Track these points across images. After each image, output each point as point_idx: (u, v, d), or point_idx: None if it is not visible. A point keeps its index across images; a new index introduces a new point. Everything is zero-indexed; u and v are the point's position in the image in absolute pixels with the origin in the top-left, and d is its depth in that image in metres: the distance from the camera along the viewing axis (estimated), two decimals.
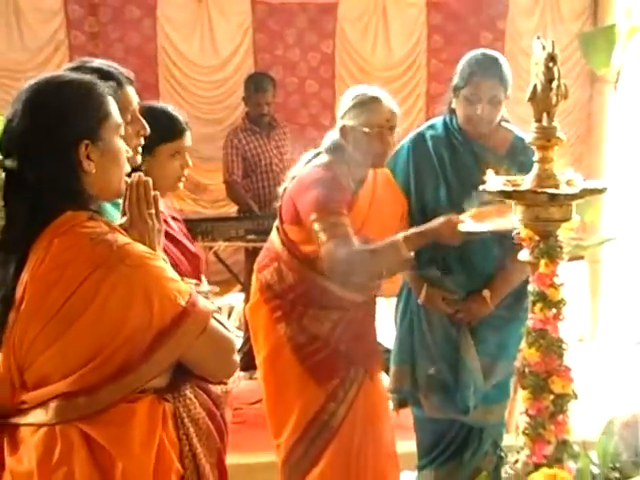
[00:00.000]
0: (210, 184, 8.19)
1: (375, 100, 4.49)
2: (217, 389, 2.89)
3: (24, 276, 2.54)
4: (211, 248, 7.50)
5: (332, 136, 4.64)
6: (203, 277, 3.14)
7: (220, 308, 2.84)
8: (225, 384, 2.93)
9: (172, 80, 8.31)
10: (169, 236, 2.94)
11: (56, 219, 2.54)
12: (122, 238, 2.56)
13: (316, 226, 4.35)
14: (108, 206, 2.83)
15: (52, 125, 2.56)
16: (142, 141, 3.29)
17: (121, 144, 2.71)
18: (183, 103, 8.22)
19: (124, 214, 2.75)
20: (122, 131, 2.73)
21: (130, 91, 3.25)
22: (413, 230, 4.28)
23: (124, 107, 3.04)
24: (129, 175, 2.78)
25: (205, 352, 2.65)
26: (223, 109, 8.37)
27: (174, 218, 3.18)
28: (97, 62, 3.22)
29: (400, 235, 4.22)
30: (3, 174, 2.57)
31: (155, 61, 8.22)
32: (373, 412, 4.72)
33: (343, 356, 4.62)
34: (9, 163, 2.56)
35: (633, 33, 8.35)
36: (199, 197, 8.35)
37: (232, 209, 7.93)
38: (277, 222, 4.78)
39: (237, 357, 2.80)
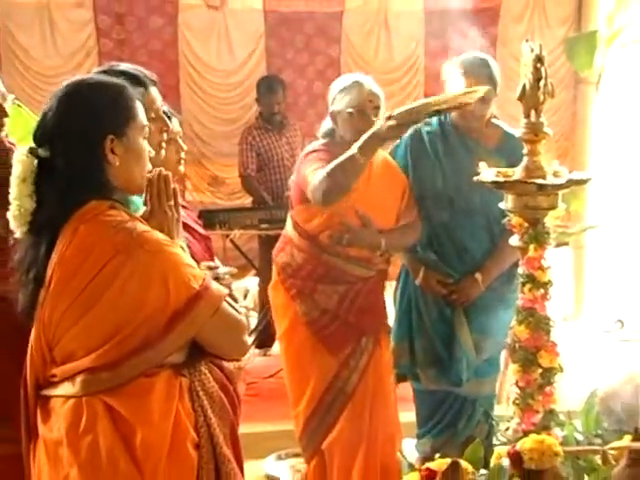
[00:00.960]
0: (227, 178, 8.20)
1: (356, 84, 4.57)
2: (230, 365, 2.88)
3: (53, 258, 2.55)
4: (228, 236, 7.52)
5: (325, 124, 4.74)
6: (217, 260, 3.10)
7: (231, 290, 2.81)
8: (238, 361, 2.93)
9: (191, 83, 8.31)
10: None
11: (82, 207, 2.55)
12: (141, 226, 2.58)
13: (309, 177, 4.47)
14: (135, 197, 2.80)
15: (82, 120, 2.59)
16: (165, 137, 3.27)
17: (145, 144, 2.72)
18: (202, 104, 8.27)
19: (145, 204, 2.75)
20: (146, 132, 2.74)
21: (154, 91, 3.23)
22: (362, 138, 4.22)
23: (148, 106, 3.03)
24: None
25: (217, 332, 2.66)
26: (238, 109, 8.36)
27: (183, 206, 3.16)
28: (123, 66, 3.22)
29: (355, 146, 4.20)
30: (36, 162, 2.58)
31: (176, 65, 8.22)
32: (382, 379, 4.75)
33: (353, 327, 4.67)
34: (42, 152, 2.59)
35: (613, 39, 8.40)
36: (217, 190, 8.36)
37: (247, 200, 7.94)
38: (290, 211, 4.84)
39: (247, 337, 2.81)
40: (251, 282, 7.94)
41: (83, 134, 2.58)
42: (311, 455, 4.86)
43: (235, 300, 2.76)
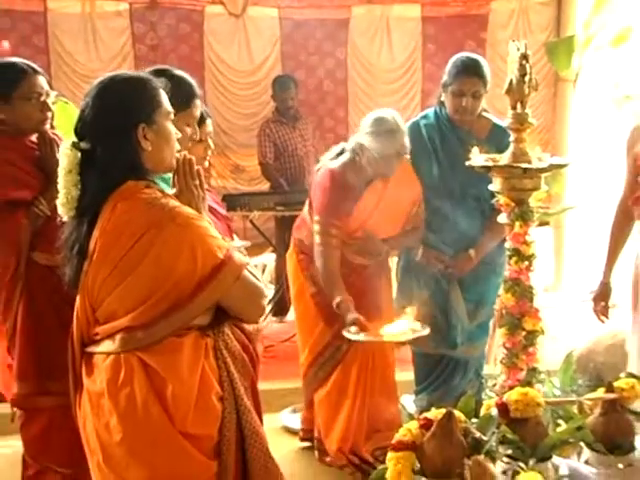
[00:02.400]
0: (247, 166, 8.21)
1: (392, 133, 4.44)
2: (250, 327, 2.92)
3: (95, 232, 2.60)
4: (248, 217, 7.54)
5: (353, 144, 4.59)
6: (236, 237, 3.12)
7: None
8: (257, 324, 2.97)
9: (215, 82, 8.30)
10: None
11: (120, 187, 2.60)
12: (172, 202, 2.63)
13: (315, 227, 4.58)
14: (159, 181, 2.82)
15: (115, 113, 2.65)
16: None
17: (171, 127, 2.76)
18: (224, 100, 8.27)
19: (174, 185, 2.79)
20: (172, 117, 2.78)
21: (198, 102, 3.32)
22: (344, 306, 4.42)
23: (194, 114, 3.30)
24: None
25: (239, 297, 2.69)
26: (257, 105, 8.35)
27: (208, 190, 3.18)
28: (175, 71, 3.32)
29: (338, 298, 4.43)
30: (79, 154, 2.62)
31: (202, 67, 8.23)
32: (372, 349, 4.76)
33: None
34: (83, 145, 2.63)
35: (588, 42, 8.38)
36: (238, 176, 8.38)
37: (265, 185, 7.95)
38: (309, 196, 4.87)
39: (265, 302, 2.84)
40: (268, 258, 7.94)
41: (118, 126, 2.63)
42: (308, 401, 5.08)
43: None
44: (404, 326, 4.23)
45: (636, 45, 7.93)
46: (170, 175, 2.84)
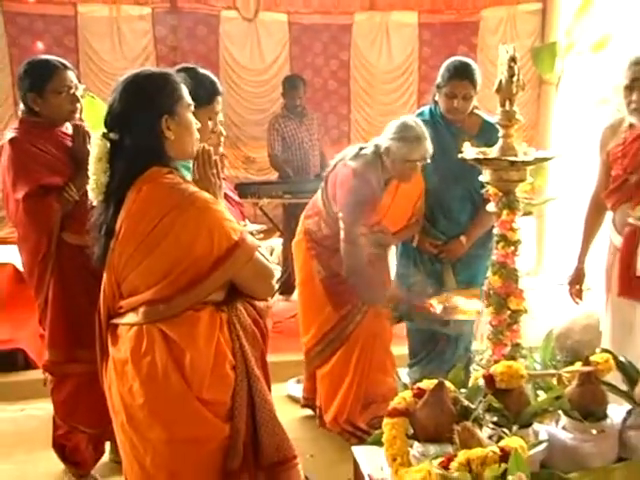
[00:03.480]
0: (257, 157, 8.20)
1: (417, 141, 4.42)
2: (261, 304, 2.92)
3: (122, 213, 2.62)
4: (258, 204, 7.51)
5: (377, 144, 4.57)
6: (247, 221, 3.12)
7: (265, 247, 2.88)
8: (266, 301, 2.97)
9: (229, 80, 8.26)
10: None
11: (145, 172, 2.61)
12: (192, 187, 2.65)
13: (341, 223, 4.53)
14: (181, 168, 2.83)
15: (141, 106, 2.66)
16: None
17: (192, 118, 2.77)
18: (237, 97, 8.25)
19: (193, 173, 2.80)
20: (192, 108, 2.79)
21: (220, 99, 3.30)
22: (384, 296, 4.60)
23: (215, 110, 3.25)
24: None
25: (250, 276, 2.70)
26: (267, 101, 8.32)
27: (223, 179, 3.19)
28: (200, 69, 3.29)
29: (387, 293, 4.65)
30: (108, 144, 2.64)
31: (217, 66, 8.17)
32: (374, 331, 4.81)
33: (355, 292, 4.70)
34: (112, 136, 2.65)
35: (570, 48, 8.39)
36: (249, 167, 8.36)
37: (273, 175, 7.93)
38: (323, 185, 4.86)
39: (275, 282, 2.83)
40: (276, 242, 7.95)
41: (143, 117, 2.64)
42: (309, 373, 5.13)
43: None
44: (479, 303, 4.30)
45: (613, 52, 7.91)
46: (191, 163, 2.84)
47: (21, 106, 4.17)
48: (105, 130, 2.66)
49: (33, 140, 4.05)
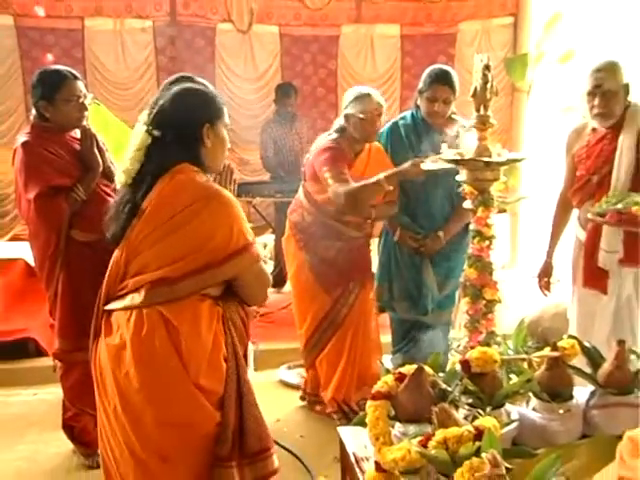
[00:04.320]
0: (251, 159, 8.21)
1: (367, 95, 4.58)
2: (250, 308, 2.90)
3: (151, 195, 2.65)
4: (251, 202, 7.56)
5: (338, 121, 4.74)
6: None
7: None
8: (259, 306, 3.10)
9: (225, 88, 8.25)
10: None
11: (178, 165, 2.66)
12: (217, 185, 2.71)
13: (326, 175, 4.50)
14: None
15: (190, 111, 2.70)
16: None
17: (226, 135, 2.82)
18: (232, 103, 8.21)
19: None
20: (227, 128, 2.85)
21: None
22: (390, 171, 4.36)
23: None
24: None
25: (251, 279, 2.72)
26: (260, 107, 8.32)
27: None
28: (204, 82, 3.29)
29: (382, 175, 4.31)
30: (150, 138, 2.67)
31: (214, 75, 8.16)
32: (364, 314, 4.87)
33: (344, 274, 4.77)
34: (155, 132, 2.67)
35: (540, 59, 8.41)
36: (243, 168, 8.35)
37: (266, 176, 7.92)
38: (302, 182, 4.90)
39: (268, 292, 2.86)
40: (269, 238, 7.95)
41: (189, 121, 2.69)
42: (309, 365, 5.08)
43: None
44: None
45: (579, 63, 7.94)
46: None
47: (33, 112, 4.18)
48: (149, 125, 2.68)
49: (44, 144, 4.06)
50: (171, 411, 2.59)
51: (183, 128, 2.68)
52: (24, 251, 4.68)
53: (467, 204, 3.62)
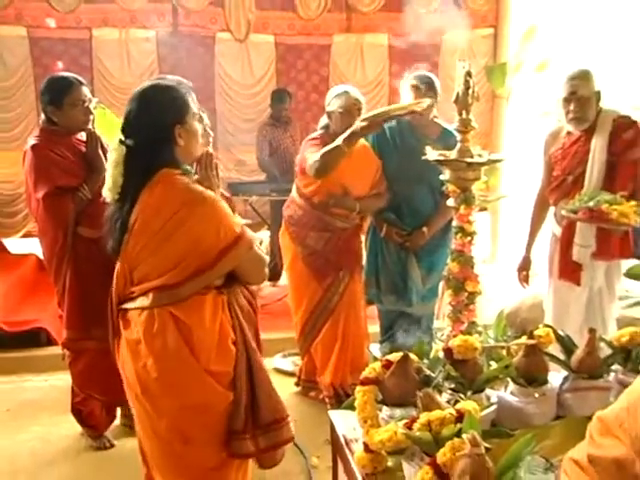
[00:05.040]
0: (247, 160, 8.19)
1: (345, 92, 4.63)
2: (253, 287, 2.93)
3: (136, 209, 2.60)
4: (248, 201, 7.57)
5: (322, 120, 4.80)
6: (237, 215, 3.12)
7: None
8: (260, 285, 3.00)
9: (223, 93, 8.28)
10: None
11: (157, 173, 2.60)
12: (199, 187, 2.64)
13: (307, 156, 4.57)
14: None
15: (156, 116, 2.64)
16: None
17: (197, 126, 2.75)
18: (230, 107, 8.25)
19: (197, 174, 2.78)
20: (198, 117, 2.77)
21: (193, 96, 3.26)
22: (345, 133, 4.32)
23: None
24: None
25: (249, 265, 2.70)
26: (256, 111, 8.29)
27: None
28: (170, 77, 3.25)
29: (340, 138, 4.31)
30: (124, 149, 2.62)
31: (213, 81, 8.20)
32: (354, 302, 4.88)
33: (333, 264, 4.78)
34: (129, 142, 2.62)
35: (518, 68, 8.45)
36: (241, 168, 8.35)
37: (262, 176, 7.90)
38: (295, 180, 4.91)
39: (267, 269, 2.82)
40: (264, 234, 7.95)
41: (158, 127, 2.63)
42: (305, 352, 5.10)
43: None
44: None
45: (554, 71, 7.97)
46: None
47: (42, 116, 4.18)
48: (122, 137, 2.64)
49: (52, 146, 4.07)
50: (187, 396, 2.62)
51: (154, 133, 2.62)
52: (35, 247, 4.69)
53: (450, 202, 3.62)
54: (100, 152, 4.13)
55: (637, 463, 1.59)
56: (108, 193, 2.66)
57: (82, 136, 4.19)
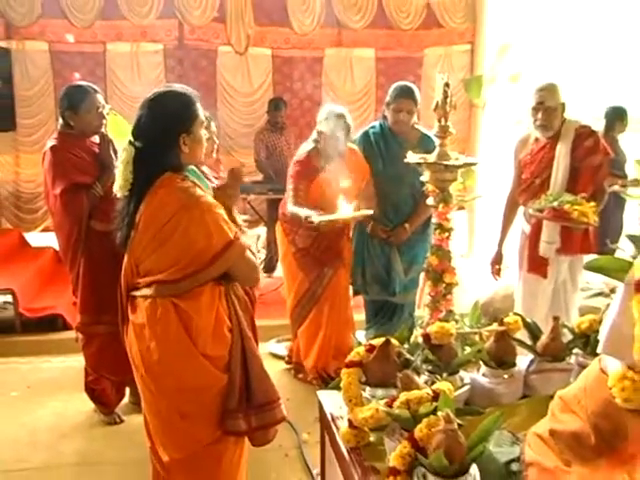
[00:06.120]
0: (246, 162, 8.15)
1: (338, 117, 4.56)
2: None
3: (141, 208, 2.58)
4: (246, 199, 7.55)
5: (314, 134, 4.73)
6: (237, 212, 3.10)
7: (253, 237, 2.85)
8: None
9: (225, 101, 8.25)
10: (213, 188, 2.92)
11: (162, 176, 2.57)
12: (199, 191, 2.60)
13: (288, 187, 4.71)
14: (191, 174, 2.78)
15: (164, 124, 2.60)
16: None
17: (203, 133, 2.71)
18: (231, 114, 8.21)
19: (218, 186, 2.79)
20: (204, 124, 2.73)
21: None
22: (324, 217, 4.41)
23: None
24: None
25: (241, 270, 2.67)
26: (254, 118, 8.26)
27: (215, 177, 3.19)
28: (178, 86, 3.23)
29: (314, 216, 4.39)
30: (134, 150, 2.58)
31: (215, 90, 8.17)
32: (338, 293, 4.88)
33: (319, 260, 4.79)
34: (137, 144, 2.58)
35: (493, 80, 8.44)
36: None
37: (259, 176, 7.86)
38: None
39: (259, 275, 2.79)
40: (262, 230, 7.94)
41: (165, 133, 2.58)
42: (294, 336, 5.13)
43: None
44: (350, 210, 4.38)
45: (526, 83, 8.00)
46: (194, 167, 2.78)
47: (60, 121, 4.20)
48: (132, 138, 2.61)
49: (68, 147, 4.09)
50: (185, 378, 2.61)
51: (160, 139, 2.58)
52: (53, 241, 4.69)
53: (429, 201, 3.63)
54: (112, 153, 4.15)
55: (592, 436, 1.61)
56: (119, 190, 2.63)
57: (96, 139, 4.21)
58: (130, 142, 2.60)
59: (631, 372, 1.55)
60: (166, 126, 2.59)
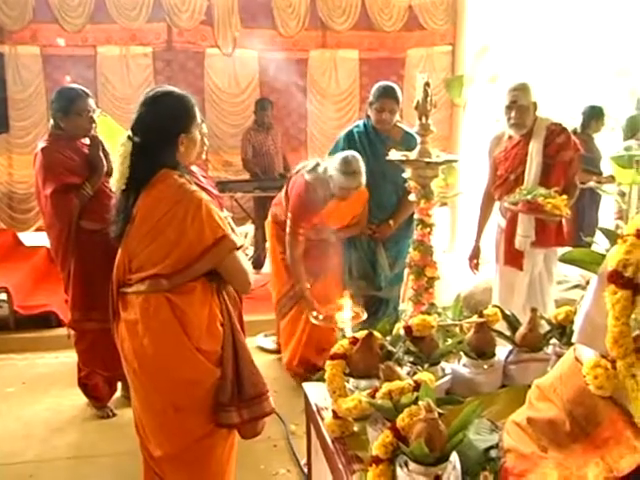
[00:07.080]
0: (234, 161, 8.15)
1: (353, 175, 4.36)
2: None
3: (138, 203, 2.58)
4: (234, 197, 7.58)
5: (326, 167, 4.51)
6: (225, 210, 3.09)
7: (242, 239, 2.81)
8: (246, 293, 2.89)
9: (212, 102, 8.22)
10: (202, 186, 2.90)
11: (158, 172, 2.57)
12: (194, 187, 2.60)
13: (288, 222, 4.61)
14: None
15: (165, 123, 2.61)
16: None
17: (198, 133, 2.71)
18: (218, 114, 8.18)
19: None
20: (200, 126, 2.73)
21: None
22: (308, 294, 4.61)
23: None
24: None
25: (230, 268, 2.64)
26: (241, 118, 8.23)
27: (204, 176, 3.17)
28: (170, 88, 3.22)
29: (305, 286, 4.62)
30: (131, 145, 2.57)
31: (203, 91, 8.15)
32: (320, 294, 4.76)
33: (306, 267, 4.74)
34: (136, 139, 2.57)
35: (472, 80, 8.51)
36: (227, 169, 8.29)
37: (246, 175, 7.84)
38: (286, 184, 4.88)
39: (251, 280, 2.75)
40: (249, 227, 7.93)
41: (165, 132, 2.59)
42: (278, 328, 5.22)
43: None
44: (350, 313, 4.22)
45: (503, 84, 8.05)
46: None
47: (51, 122, 4.19)
48: (131, 133, 2.60)
49: (59, 149, 4.07)
50: (180, 372, 2.61)
51: (160, 137, 2.58)
52: (46, 240, 4.68)
53: (412, 197, 3.63)
54: (101, 154, 4.14)
55: (567, 422, 1.62)
56: (116, 184, 2.62)
57: (86, 140, 4.19)
58: (129, 137, 2.59)
59: (604, 360, 1.56)
60: (168, 125, 2.59)
